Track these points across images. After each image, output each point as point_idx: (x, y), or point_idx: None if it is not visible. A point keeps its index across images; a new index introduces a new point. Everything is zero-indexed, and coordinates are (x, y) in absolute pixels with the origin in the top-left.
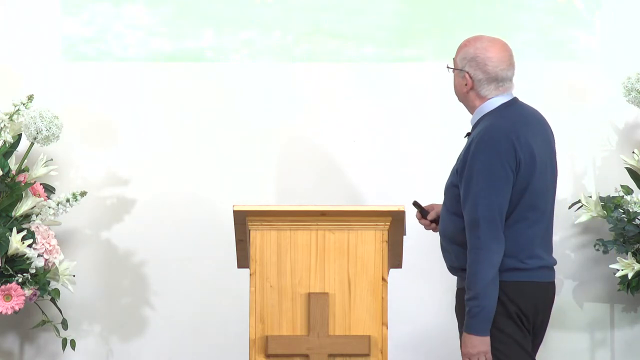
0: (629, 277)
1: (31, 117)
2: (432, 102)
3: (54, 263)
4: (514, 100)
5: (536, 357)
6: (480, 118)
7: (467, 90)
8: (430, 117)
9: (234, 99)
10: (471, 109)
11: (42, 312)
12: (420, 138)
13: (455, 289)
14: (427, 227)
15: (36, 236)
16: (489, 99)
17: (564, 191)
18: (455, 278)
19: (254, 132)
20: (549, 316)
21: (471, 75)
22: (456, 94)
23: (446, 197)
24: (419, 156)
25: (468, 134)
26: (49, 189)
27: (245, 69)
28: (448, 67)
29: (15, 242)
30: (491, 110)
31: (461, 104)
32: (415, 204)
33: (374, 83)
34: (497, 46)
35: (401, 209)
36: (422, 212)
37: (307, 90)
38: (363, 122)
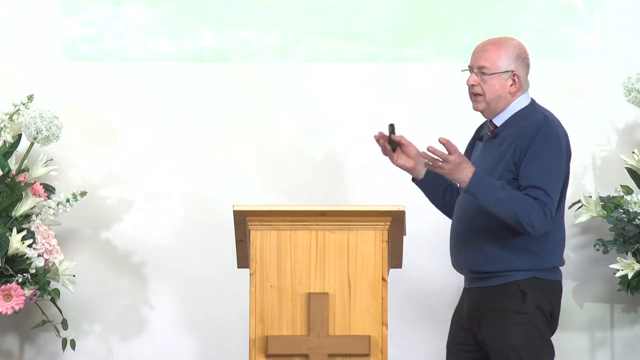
0: (629, 277)
1: (31, 117)
2: (432, 102)
3: (54, 263)
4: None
5: None
6: (516, 113)
7: (514, 90)
8: (430, 117)
9: (234, 99)
10: (503, 107)
11: (42, 312)
12: (420, 138)
13: (463, 287)
14: (383, 151)
15: (36, 236)
16: (525, 92)
17: None
18: (455, 277)
19: (254, 132)
20: None
21: (519, 74)
22: (492, 98)
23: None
24: None
25: (494, 134)
26: (49, 189)
27: (245, 69)
28: (504, 73)
29: (15, 242)
30: (528, 105)
31: (459, 104)
32: (392, 127)
33: (374, 83)
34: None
35: (401, 209)
36: (391, 138)
37: (307, 90)
38: (363, 122)
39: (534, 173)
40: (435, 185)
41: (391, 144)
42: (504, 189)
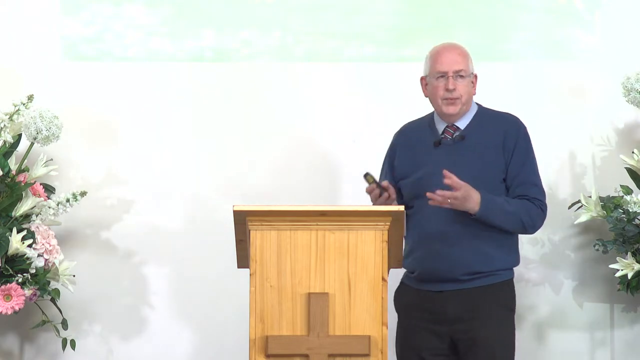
0: (629, 277)
1: (31, 117)
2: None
3: (54, 263)
4: None
5: (537, 357)
6: (475, 115)
7: (474, 92)
8: None
9: (234, 99)
10: (468, 109)
11: (42, 312)
12: None
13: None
14: (373, 198)
15: (36, 236)
16: None
17: (564, 191)
18: None
19: (254, 132)
20: None
21: (477, 76)
22: (466, 100)
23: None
24: None
25: (461, 137)
26: (49, 189)
27: (245, 69)
28: (472, 75)
29: (15, 242)
30: (480, 106)
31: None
32: (368, 176)
33: (374, 83)
34: None
35: (401, 209)
36: (381, 185)
37: (307, 90)
38: (363, 122)
39: (524, 171)
40: None
41: (379, 188)
42: (509, 203)
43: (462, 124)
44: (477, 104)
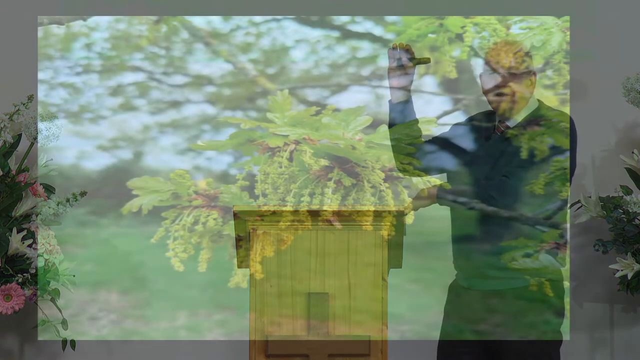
0: (629, 277)
1: (31, 117)
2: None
3: (54, 263)
4: None
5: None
6: (531, 112)
7: (532, 90)
8: (430, 117)
9: (234, 99)
10: (522, 107)
11: (42, 312)
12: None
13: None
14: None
15: (36, 236)
16: None
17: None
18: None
19: (254, 132)
20: None
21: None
22: (518, 98)
23: None
24: None
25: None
26: (49, 189)
27: (245, 69)
28: (530, 73)
29: (15, 242)
30: (541, 103)
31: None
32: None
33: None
34: None
35: (401, 209)
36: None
37: (307, 90)
38: (363, 122)
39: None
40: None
41: (410, 60)
42: None
43: (513, 121)
44: (538, 100)
